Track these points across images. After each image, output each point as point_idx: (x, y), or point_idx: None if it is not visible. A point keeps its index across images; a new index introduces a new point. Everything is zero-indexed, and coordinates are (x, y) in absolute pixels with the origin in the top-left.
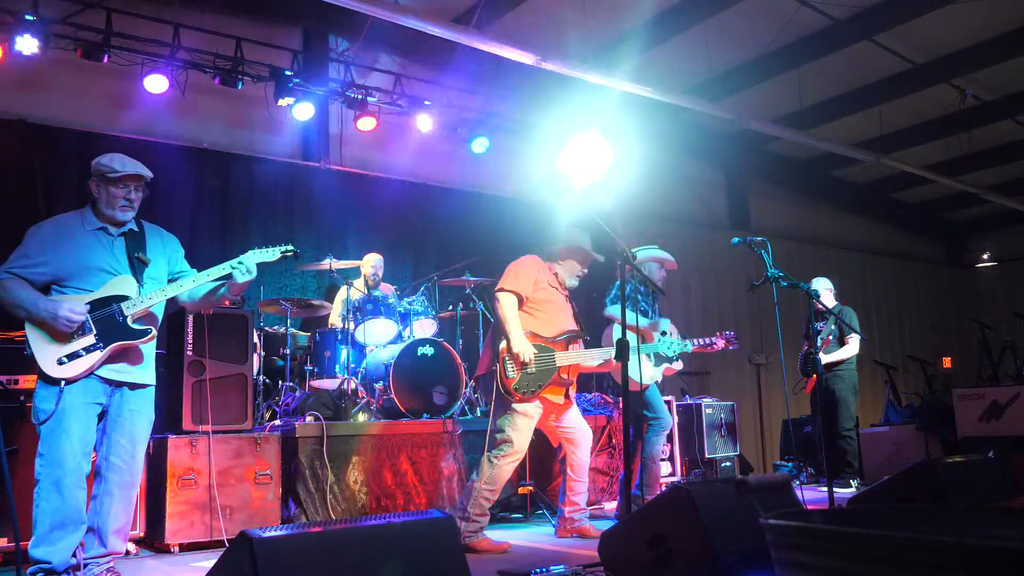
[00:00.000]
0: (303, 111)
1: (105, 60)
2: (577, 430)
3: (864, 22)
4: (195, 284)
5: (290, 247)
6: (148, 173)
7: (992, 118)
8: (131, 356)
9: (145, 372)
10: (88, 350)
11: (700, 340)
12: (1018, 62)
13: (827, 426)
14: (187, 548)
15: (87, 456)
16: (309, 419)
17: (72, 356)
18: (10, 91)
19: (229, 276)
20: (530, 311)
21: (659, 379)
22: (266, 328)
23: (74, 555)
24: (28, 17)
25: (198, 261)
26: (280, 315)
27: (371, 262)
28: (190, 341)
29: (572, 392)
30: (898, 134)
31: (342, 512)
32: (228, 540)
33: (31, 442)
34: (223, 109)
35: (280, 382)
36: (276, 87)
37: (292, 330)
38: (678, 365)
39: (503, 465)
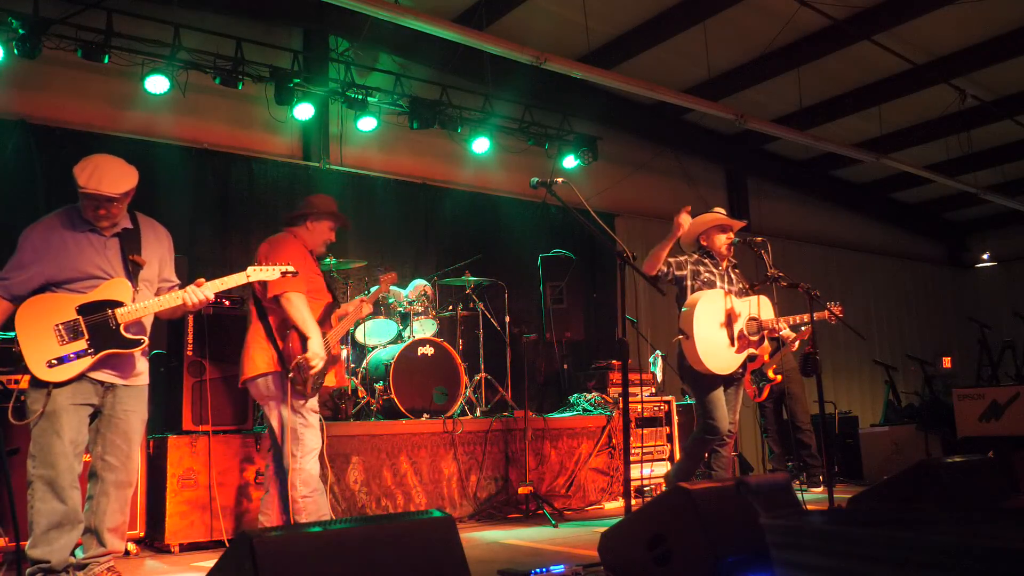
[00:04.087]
0: (303, 111)
1: (105, 60)
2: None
3: (864, 22)
4: (167, 304)
5: (290, 268)
6: (113, 193)
7: (992, 118)
8: (122, 360)
9: (137, 372)
10: (79, 355)
11: (796, 320)
12: (1018, 62)
13: (790, 422)
14: (187, 548)
15: (79, 456)
16: None
17: (62, 359)
18: (10, 91)
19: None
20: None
21: (734, 369)
22: None
23: (72, 554)
24: (28, 17)
25: (198, 261)
26: None
27: (420, 290)
28: (190, 341)
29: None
30: (898, 134)
31: (342, 512)
32: (228, 540)
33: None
34: (223, 109)
35: None
36: (276, 87)
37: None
38: (764, 349)
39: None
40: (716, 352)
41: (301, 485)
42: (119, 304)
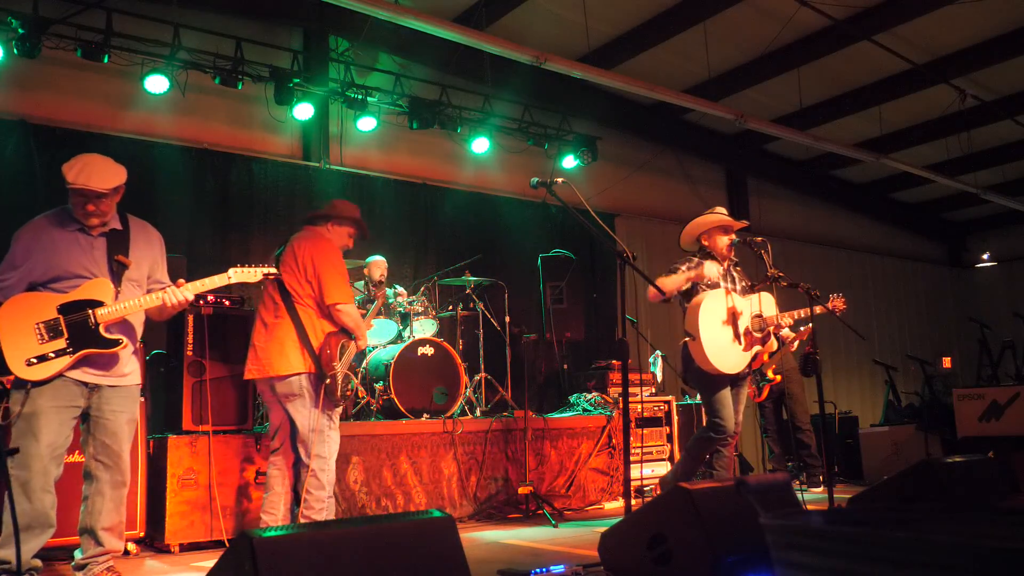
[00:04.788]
0: (303, 111)
1: (105, 60)
2: None
3: (864, 22)
4: (147, 305)
5: (273, 270)
6: (101, 188)
7: (992, 118)
8: (104, 359)
9: (124, 372)
10: (58, 354)
11: (800, 314)
12: (1018, 62)
13: (790, 422)
14: (187, 548)
15: (56, 460)
16: None
17: (41, 358)
18: (10, 91)
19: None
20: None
21: (742, 368)
22: None
23: (36, 557)
24: (28, 17)
25: (198, 261)
26: None
27: (382, 266)
28: (190, 341)
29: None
30: (898, 134)
31: (342, 512)
32: (228, 540)
33: None
34: (223, 109)
35: None
36: (276, 87)
37: None
38: (770, 347)
39: None
40: (724, 352)
41: (328, 485)
42: (99, 304)
